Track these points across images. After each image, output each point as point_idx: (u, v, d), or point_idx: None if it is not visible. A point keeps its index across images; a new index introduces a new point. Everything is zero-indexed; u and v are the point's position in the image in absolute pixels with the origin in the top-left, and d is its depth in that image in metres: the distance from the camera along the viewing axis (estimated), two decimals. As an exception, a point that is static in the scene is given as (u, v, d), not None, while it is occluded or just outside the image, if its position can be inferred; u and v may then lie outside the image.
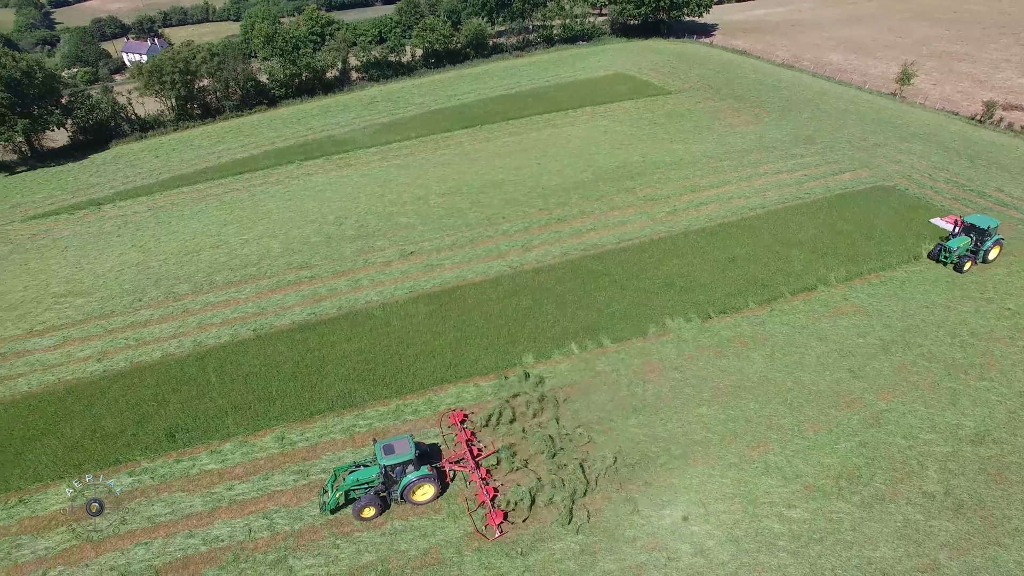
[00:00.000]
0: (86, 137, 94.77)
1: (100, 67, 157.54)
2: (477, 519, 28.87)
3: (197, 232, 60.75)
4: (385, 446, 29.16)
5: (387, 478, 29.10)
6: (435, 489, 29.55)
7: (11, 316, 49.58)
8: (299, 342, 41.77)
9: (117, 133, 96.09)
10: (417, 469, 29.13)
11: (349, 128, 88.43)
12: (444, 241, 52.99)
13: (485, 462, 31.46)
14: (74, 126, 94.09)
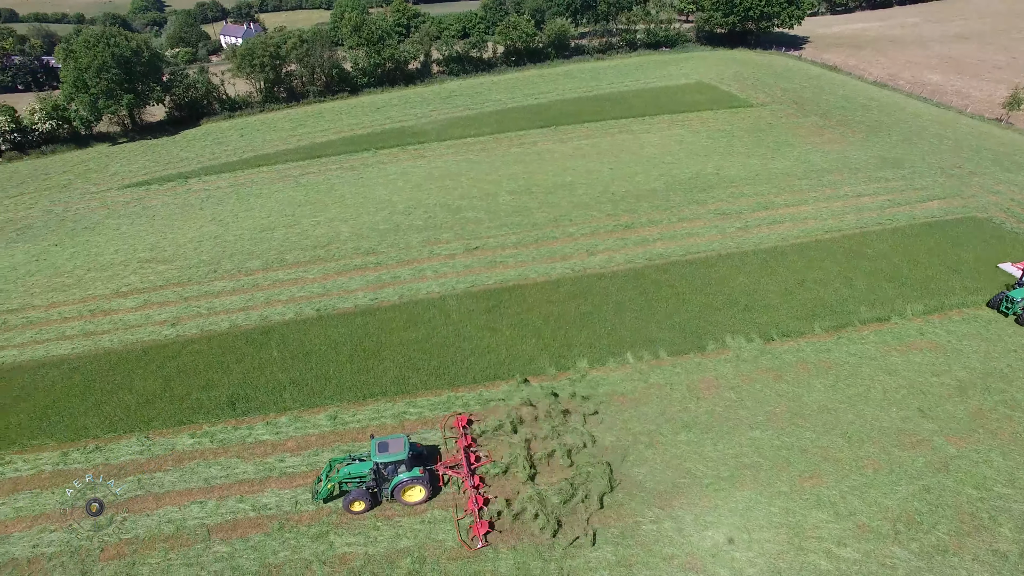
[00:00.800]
0: (181, 113, 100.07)
1: (199, 48, 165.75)
2: (463, 527, 28.62)
3: (273, 211, 63.23)
4: (380, 443, 29.40)
5: (379, 475, 29.31)
6: (426, 492, 29.54)
7: (102, 276, 52.96)
8: (359, 326, 42.94)
9: (208, 111, 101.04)
10: (409, 470, 29.19)
11: (426, 120, 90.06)
12: (509, 239, 53.34)
13: (481, 469, 31.26)
14: (171, 103, 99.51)
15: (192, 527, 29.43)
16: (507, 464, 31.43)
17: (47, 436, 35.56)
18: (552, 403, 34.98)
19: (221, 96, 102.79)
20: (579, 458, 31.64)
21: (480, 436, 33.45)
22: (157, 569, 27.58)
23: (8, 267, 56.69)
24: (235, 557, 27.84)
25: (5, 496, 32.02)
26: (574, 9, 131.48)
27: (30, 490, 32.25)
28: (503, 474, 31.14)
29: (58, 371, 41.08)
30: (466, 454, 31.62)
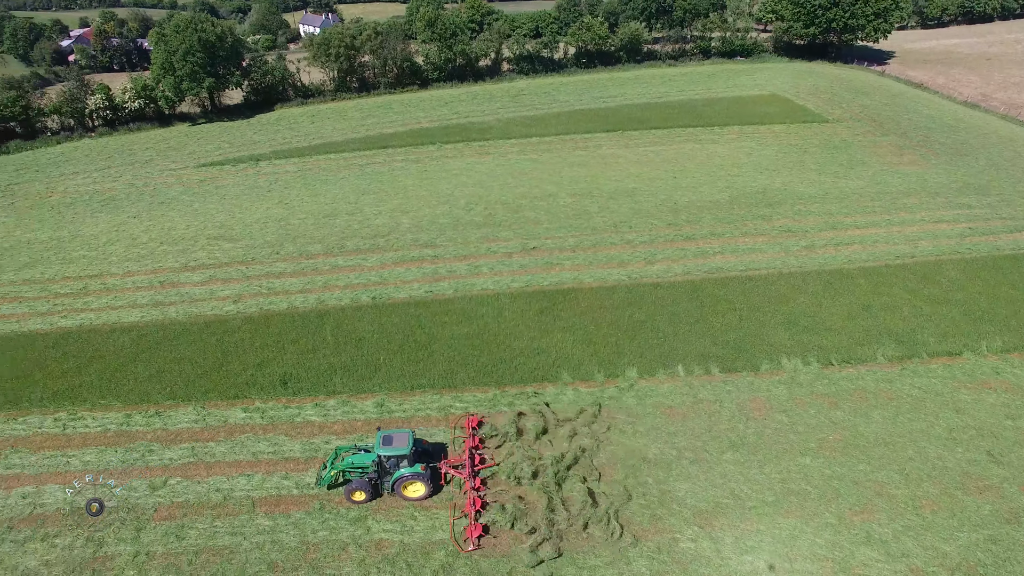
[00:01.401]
0: (257, 98, 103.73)
1: (279, 36, 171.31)
2: (458, 527, 28.47)
3: (337, 198, 64.84)
4: (385, 436, 29.62)
5: (380, 468, 29.56)
6: (426, 488, 29.56)
7: (173, 250, 55.43)
8: (412, 317, 43.57)
9: (283, 97, 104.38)
10: (411, 465, 29.28)
11: (493, 117, 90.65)
12: (567, 241, 53.17)
13: (484, 472, 31.08)
14: (249, 87, 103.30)
15: (238, 498, 30.48)
16: (512, 469, 31.16)
17: (114, 397, 37.49)
18: (590, 411, 34.75)
19: (296, 83, 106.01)
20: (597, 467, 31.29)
21: (491, 438, 33.28)
22: (203, 534, 28.68)
23: (92, 235, 60.01)
24: (276, 531, 28.69)
25: (75, 449, 33.95)
26: (649, 14, 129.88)
27: (96, 446, 34.08)
28: (514, 481, 30.81)
29: (127, 337, 43.22)
30: (471, 455, 31.39)
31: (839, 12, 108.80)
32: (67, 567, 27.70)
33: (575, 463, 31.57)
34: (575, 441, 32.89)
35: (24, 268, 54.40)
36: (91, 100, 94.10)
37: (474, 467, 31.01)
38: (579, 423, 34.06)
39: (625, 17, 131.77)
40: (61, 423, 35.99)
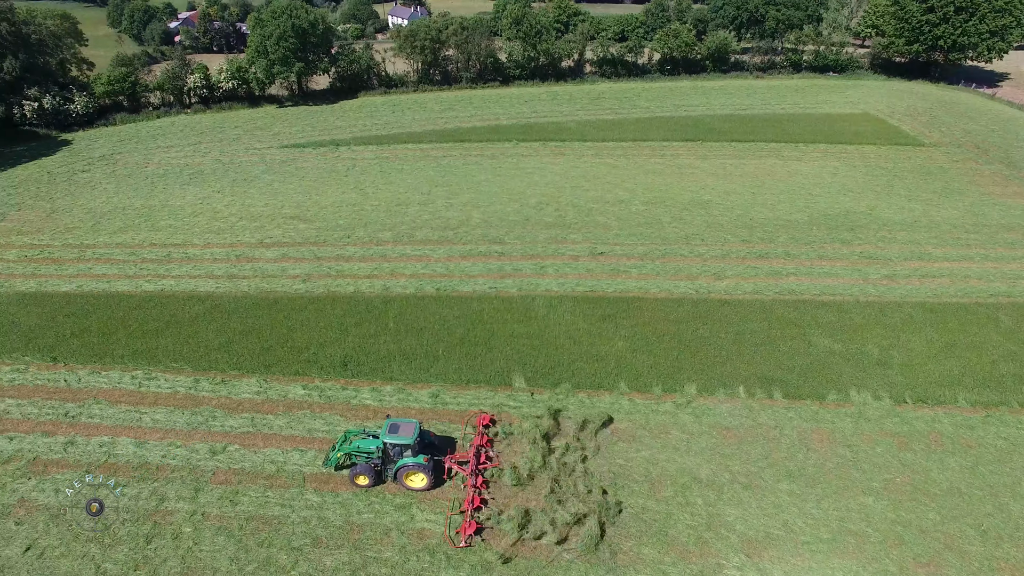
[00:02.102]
0: (342, 85, 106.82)
1: (368, 26, 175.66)
2: (454, 522, 28.58)
3: (410, 187, 65.97)
4: (392, 425, 29.99)
5: (385, 455, 29.98)
6: (428, 480, 29.77)
7: (251, 226, 57.69)
8: (474, 311, 43.83)
9: (367, 86, 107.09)
10: (415, 456, 29.47)
11: (571, 119, 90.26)
12: (636, 249, 52.35)
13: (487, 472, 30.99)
14: (335, 74, 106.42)
15: (290, 471, 31.40)
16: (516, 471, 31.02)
17: (185, 362, 39.34)
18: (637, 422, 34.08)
19: (380, 73, 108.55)
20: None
21: (507, 436, 33.20)
22: (255, 502, 29.71)
23: (179, 206, 63.19)
24: (323, 508, 29.42)
25: (148, 407, 35.84)
26: (739, 23, 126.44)
27: (166, 406, 35.86)
28: (515, 482, 30.70)
29: (202, 306, 45.24)
30: (477, 452, 31.29)
31: (948, 29, 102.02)
32: (133, 515, 29.29)
33: (572, 472, 31.20)
34: (581, 450, 32.51)
35: (118, 232, 57.83)
36: (190, 79, 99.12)
37: (478, 465, 30.88)
38: (589, 433, 33.63)
39: (714, 25, 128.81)
40: (137, 380, 38.08)
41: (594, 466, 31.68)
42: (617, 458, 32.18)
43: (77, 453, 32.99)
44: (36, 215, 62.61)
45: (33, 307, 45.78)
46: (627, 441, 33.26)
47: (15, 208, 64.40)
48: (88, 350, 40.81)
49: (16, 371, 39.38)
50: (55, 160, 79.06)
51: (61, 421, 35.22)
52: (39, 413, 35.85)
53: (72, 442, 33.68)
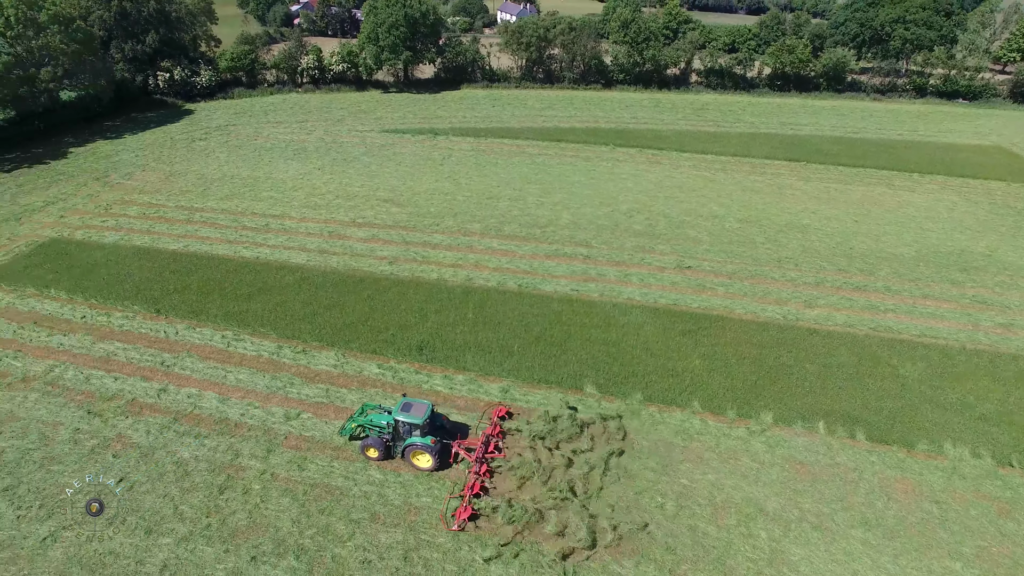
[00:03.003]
0: (446, 75, 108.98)
1: (476, 19, 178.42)
2: (452, 504, 29.01)
3: (503, 182, 66.47)
4: (405, 404, 30.62)
5: (395, 431, 30.69)
6: (433, 461, 30.31)
7: (345, 205, 59.79)
8: (553, 311, 43.65)
9: (470, 78, 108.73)
10: (423, 436, 30.08)
11: (671, 127, 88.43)
12: (726, 267, 50.66)
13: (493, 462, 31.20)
14: (441, 64, 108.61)
15: (356, 446, 32.29)
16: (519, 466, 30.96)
17: (271, 328, 41.22)
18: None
19: (484, 66, 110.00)
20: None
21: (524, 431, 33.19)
22: (321, 471, 30.76)
23: (281, 179, 66.31)
24: (384, 486, 30.07)
25: (233, 366, 37.82)
26: (861, 41, 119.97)
27: (250, 368, 37.71)
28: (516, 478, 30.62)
29: (292, 276, 47.26)
30: (486, 442, 31.60)
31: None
32: (209, 465, 30.99)
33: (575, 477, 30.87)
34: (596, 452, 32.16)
35: (224, 199, 61.34)
36: (304, 60, 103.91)
37: (485, 454, 31.22)
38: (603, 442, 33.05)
39: (832, 42, 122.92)
40: (227, 340, 40.24)
41: (599, 479, 30.89)
42: (681, 477, 31.26)
43: (168, 400, 35.24)
44: (156, 176, 67.36)
45: (145, 261, 49.26)
46: (693, 462, 32.24)
47: (140, 169, 69.55)
48: (187, 306, 43.51)
49: (125, 318, 42.56)
50: (178, 127, 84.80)
51: (158, 369, 37.74)
52: (140, 359, 38.57)
53: (165, 389, 36.03)
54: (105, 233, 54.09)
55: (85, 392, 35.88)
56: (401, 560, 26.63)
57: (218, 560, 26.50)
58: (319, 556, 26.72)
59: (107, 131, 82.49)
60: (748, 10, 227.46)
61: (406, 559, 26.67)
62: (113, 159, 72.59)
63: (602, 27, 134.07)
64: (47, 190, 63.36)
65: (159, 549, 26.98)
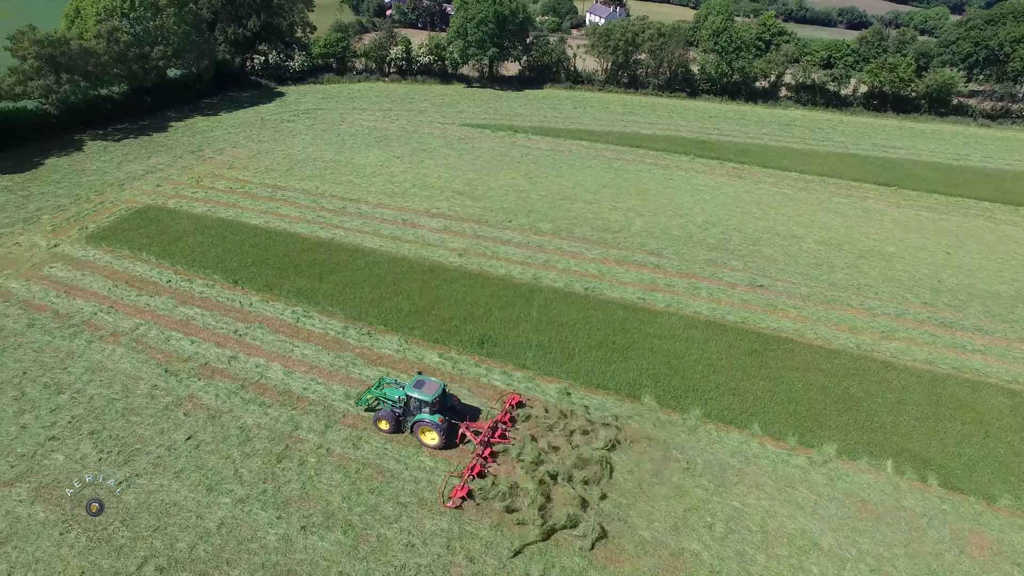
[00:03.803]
0: (530, 74, 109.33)
1: (565, 20, 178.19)
2: (450, 483, 29.76)
3: (578, 184, 66.18)
4: (417, 381, 31.62)
5: (406, 407, 31.73)
6: (439, 439, 31.21)
7: (421, 194, 60.92)
8: (618, 318, 43.13)
9: (554, 78, 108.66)
10: (431, 414, 30.93)
11: (755, 141, 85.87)
12: (800, 289, 48.82)
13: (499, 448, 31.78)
14: (526, 63, 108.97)
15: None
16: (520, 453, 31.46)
17: (339, 308, 42.47)
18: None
19: (569, 67, 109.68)
20: None
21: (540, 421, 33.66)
22: (374, 451, 31.48)
23: (362, 165, 68.19)
24: (434, 473, 30.49)
25: (300, 341, 39.20)
26: (973, 62, 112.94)
27: (316, 344, 38.98)
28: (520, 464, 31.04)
29: (364, 260, 48.48)
30: (493, 427, 32.22)
31: None
32: (271, 433, 32.25)
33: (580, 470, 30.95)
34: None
35: (306, 180, 63.60)
36: (393, 50, 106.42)
37: (491, 438, 31.85)
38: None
39: (940, 62, 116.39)
40: (296, 316, 41.74)
41: (638, 485, 30.12)
42: (733, 500, 30.35)
43: (237, 367, 36.85)
44: (245, 154, 70.48)
45: (228, 233, 51.64)
46: (748, 485, 31.24)
47: (231, 145, 72.94)
48: (262, 280, 45.35)
49: (206, 286, 44.77)
50: (269, 108, 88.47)
51: (231, 336, 39.53)
52: (215, 325, 40.51)
53: (235, 357, 37.69)
54: (195, 204, 57.03)
55: (165, 352, 37.98)
56: (443, 548, 26.96)
57: (270, 525, 27.54)
58: (365, 533, 27.37)
59: (205, 108, 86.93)
60: (848, 24, 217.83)
61: (448, 547, 26.99)
62: (208, 134, 76.43)
63: (692, 35, 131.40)
64: (148, 160, 67.36)
65: (218, 507, 28.28)
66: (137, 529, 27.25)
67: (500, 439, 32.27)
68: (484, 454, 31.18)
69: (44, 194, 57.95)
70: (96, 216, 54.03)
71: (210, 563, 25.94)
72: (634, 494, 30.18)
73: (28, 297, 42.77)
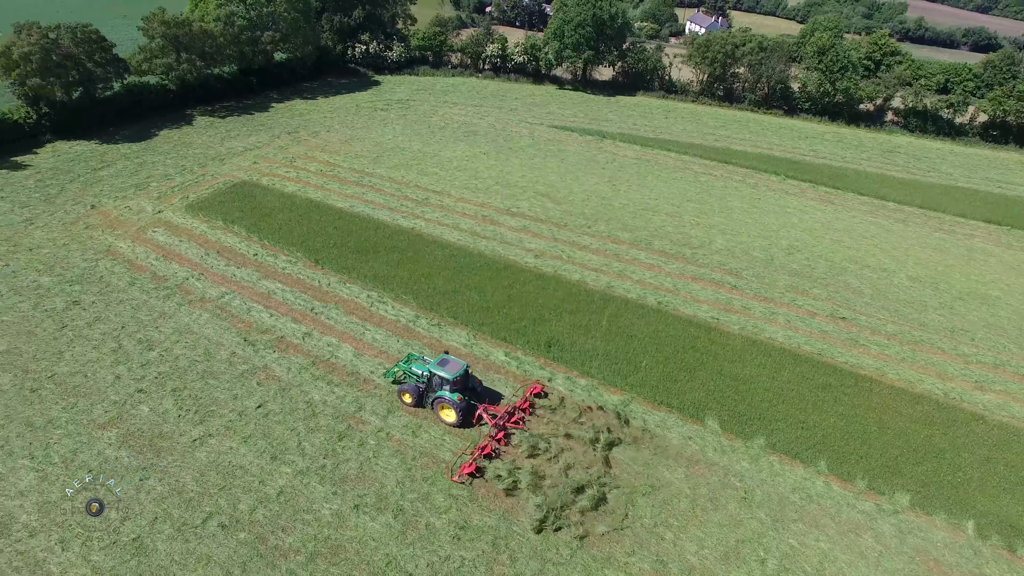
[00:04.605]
0: (623, 80, 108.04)
1: (664, 27, 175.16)
2: (461, 459, 30.75)
3: (662, 195, 65.02)
4: (442, 360, 32.98)
5: (429, 382, 33.03)
6: (456, 417, 32.41)
7: (503, 193, 61.42)
8: (689, 335, 42.14)
9: (647, 86, 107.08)
10: (451, 392, 32.00)
11: (853, 167, 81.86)
12: (886, 326, 46.21)
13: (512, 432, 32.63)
14: (620, 68, 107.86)
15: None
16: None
17: (412, 297, 43.42)
18: None
19: (664, 76, 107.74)
20: None
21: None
22: (432, 441, 32.03)
23: (448, 158, 69.37)
24: (489, 469, 30.73)
25: (372, 326, 40.41)
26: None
27: (387, 330, 40.05)
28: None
29: (441, 252, 49.36)
30: (511, 412, 33.19)
31: None
32: (335, 411, 33.40)
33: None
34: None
35: (393, 168, 65.31)
36: (489, 47, 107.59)
37: (507, 422, 32.73)
38: None
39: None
40: (371, 300, 43.00)
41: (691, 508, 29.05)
42: (790, 537, 29.13)
43: (311, 344, 38.32)
44: (338, 138, 73.06)
45: (316, 214, 53.70)
46: (807, 524, 29.91)
47: (325, 129, 75.80)
48: (342, 262, 46.92)
49: (289, 262, 46.76)
50: (364, 96, 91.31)
51: (307, 314, 41.13)
52: (294, 301, 42.26)
53: (310, 334, 39.20)
54: (286, 183, 59.61)
55: (245, 321, 39.95)
56: (489, 545, 27.17)
57: (326, 499, 28.51)
58: (415, 520, 27.91)
59: (304, 92, 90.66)
60: (973, 47, 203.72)
61: (494, 545, 27.18)
62: (305, 117, 79.69)
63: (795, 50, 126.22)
64: (248, 137, 70.93)
65: (279, 476, 29.53)
66: (206, 486, 28.82)
67: (515, 424, 33.07)
68: (498, 436, 32.06)
69: (155, 163, 62.05)
70: (197, 187, 57.36)
71: (267, 527, 27.12)
72: (687, 516, 29.48)
73: (132, 258, 45.94)
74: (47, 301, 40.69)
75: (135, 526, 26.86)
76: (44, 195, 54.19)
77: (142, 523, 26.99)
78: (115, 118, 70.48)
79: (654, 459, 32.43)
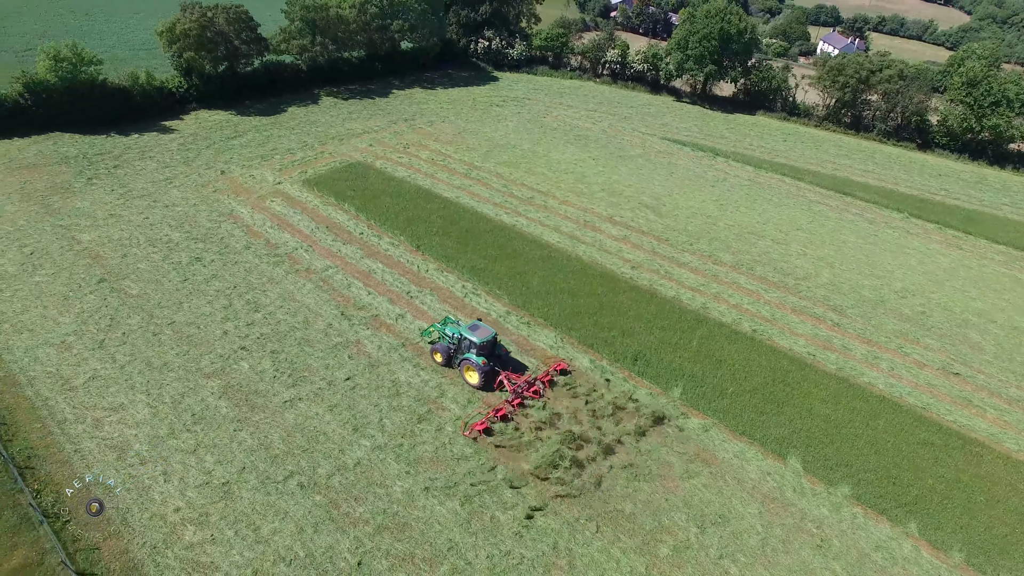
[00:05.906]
0: (744, 98, 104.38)
1: (794, 45, 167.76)
2: (476, 418, 32.83)
3: (770, 220, 62.52)
4: (473, 325, 35.39)
5: (458, 345, 35.40)
6: (479, 379, 34.59)
7: (607, 200, 61.13)
8: (781, 368, 40.42)
9: (768, 106, 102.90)
10: (477, 356, 34.15)
11: (991, 210, 75.08)
12: (1008, 389, 42.28)
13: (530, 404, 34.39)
14: (742, 85, 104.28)
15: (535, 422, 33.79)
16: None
17: (505, 293, 44.35)
18: None
19: (788, 97, 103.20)
20: None
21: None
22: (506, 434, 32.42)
23: (556, 160, 69.75)
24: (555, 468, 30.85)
25: (464, 316, 41.27)
26: None
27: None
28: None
29: (540, 252, 49.84)
30: (531, 382, 35.17)
31: None
32: (418, 394, 34.58)
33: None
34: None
35: (502, 164, 66.41)
36: (610, 52, 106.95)
37: (525, 389, 34.61)
38: None
39: None
40: (465, 291, 44.30)
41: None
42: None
43: (403, 326, 39.76)
44: (451, 129, 75.08)
45: (422, 201, 55.54)
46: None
47: (441, 120, 78.10)
48: (442, 250, 48.30)
49: (391, 244, 48.69)
50: (481, 91, 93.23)
51: (403, 296, 42.70)
52: (392, 282, 43.99)
53: (403, 316, 40.68)
54: (398, 168, 61.95)
55: (344, 296, 41.97)
56: (549, 546, 27.32)
57: (399, 477, 29.58)
58: (480, 511, 28.46)
59: (425, 82, 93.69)
60: None
61: (554, 548, 27.31)
62: (422, 106, 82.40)
63: (940, 80, 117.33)
64: (367, 120, 74.26)
65: (358, 447, 30.91)
66: (291, 446, 30.63)
67: (533, 395, 34.70)
68: (514, 402, 33.98)
69: (280, 137, 66.25)
70: (315, 163, 60.72)
71: (341, 494, 28.48)
72: (755, 554, 28.41)
73: (250, 223, 49.33)
74: (175, 255, 44.48)
75: (226, 472, 28.97)
76: (184, 157, 59.14)
77: (231, 470, 29.07)
78: (251, 92, 75.83)
79: (727, 488, 31.44)
